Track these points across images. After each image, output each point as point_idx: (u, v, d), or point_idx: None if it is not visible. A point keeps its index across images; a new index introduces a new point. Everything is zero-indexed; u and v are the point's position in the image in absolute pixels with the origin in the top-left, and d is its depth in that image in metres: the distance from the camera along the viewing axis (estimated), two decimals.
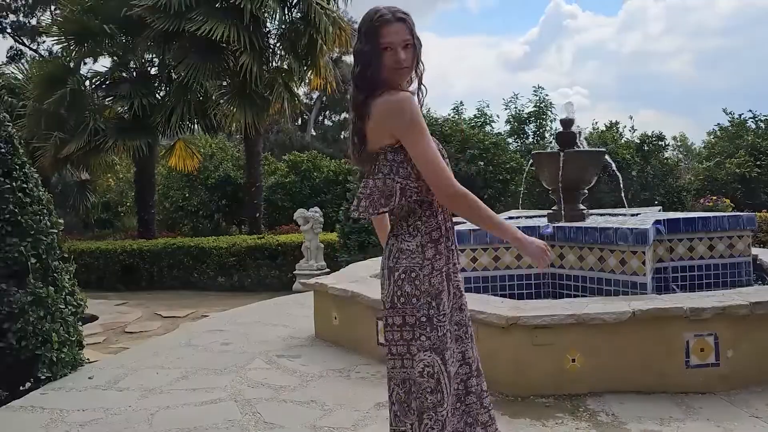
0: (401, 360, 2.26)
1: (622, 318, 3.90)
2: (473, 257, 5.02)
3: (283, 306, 7.53)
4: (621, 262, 4.63)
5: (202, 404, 4.02)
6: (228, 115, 12.77)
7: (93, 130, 12.82)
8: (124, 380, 4.61)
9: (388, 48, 2.18)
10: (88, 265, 12.53)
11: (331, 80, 13.98)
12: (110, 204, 19.49)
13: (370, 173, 2.30)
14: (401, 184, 2.21)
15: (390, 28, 2.18)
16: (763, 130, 16.24)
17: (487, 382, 2.52)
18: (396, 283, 2.24)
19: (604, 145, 13.53)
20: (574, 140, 5.61)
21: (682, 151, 26.15)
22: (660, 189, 13.53)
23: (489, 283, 5.04)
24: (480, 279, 4.99)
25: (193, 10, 11.96)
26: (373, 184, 2.28)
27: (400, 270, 2.24)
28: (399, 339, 2.25)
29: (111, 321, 8.72)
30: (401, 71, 2.21)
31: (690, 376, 3.93)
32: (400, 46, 2.18)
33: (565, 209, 5.54)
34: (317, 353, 5.20)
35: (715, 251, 5.20)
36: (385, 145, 2.23)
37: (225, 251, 11.76)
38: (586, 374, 3.96)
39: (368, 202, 2.29)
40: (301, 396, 4.14)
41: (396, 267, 2.25)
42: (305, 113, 30.97)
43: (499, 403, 3.84)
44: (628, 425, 3.50)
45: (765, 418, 3.49)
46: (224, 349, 5.43)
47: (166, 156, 15.09)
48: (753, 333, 3.97)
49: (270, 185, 17.14)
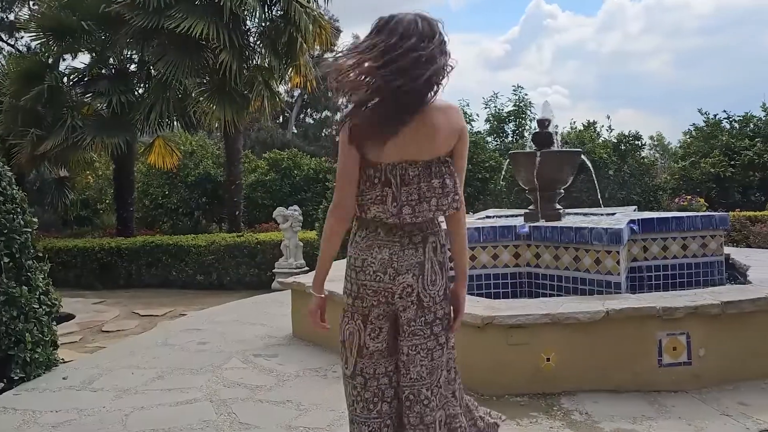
0: (449, 347, 2.46)
1: (596, 317, 3.94)
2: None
3: (261, 304, 7.51)
4: (596, 262, 4.67)
5: (177, 404, 4.01)
6: (207, 113, 12.67)
7: (71, 127, 12.66)
8: (99, 380, 4.57)
9: None
10: (66, 263, 12.40)
11: (311, 78, 13.94)
12: (89, 201, 19.27)
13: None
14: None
15: None
16: (737, 130, 16.46)
17: (464, 381, 2.60)
18: (447, 276, 2.41)
19: (581, 144, 13.64)
20: (551, 140, 5.66)
21: (659, 150, 26.42)
22: (636, 188, 13.66)
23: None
24: None
25: (172, 7, 11.86)
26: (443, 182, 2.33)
27: (447, 264, 2.41)
28: (443, 329, 2.40)
29: (88, 320, 8.63)
30: None
31: (663, 374, 3.98)
32: None
33: (541, 209, 5.58)
34: (294, 352, 5.20)
35: (689, 251, 5.27)
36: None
37: (204, 249, 11.70)
38: (561, 373, 3.99)
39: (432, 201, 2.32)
40: (277, 396, 4.13)
41: (446, 261, 2.41)
42: (286, 111, 30.86)
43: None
44: (601, 424, 3.53)
45: (735, 416, 3.55)
46: (201, 349, 5.41)
47: (145, 153, 14.95)
48: (724, 332, 4.03)
49: (250, 183, 17.06)
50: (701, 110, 17.21)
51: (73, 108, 13.16)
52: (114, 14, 12.19)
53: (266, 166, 17.79)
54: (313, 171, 17.10)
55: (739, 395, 3.84)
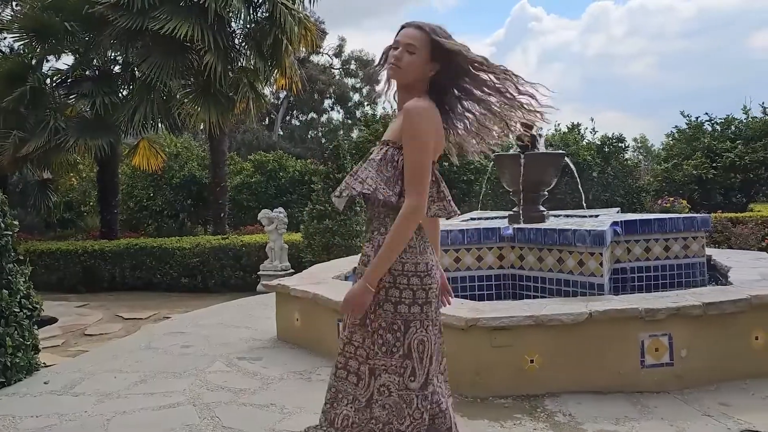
0: None
1: (579, 319, 3.96)
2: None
3: (246, 307, 7.47)
4: (579, 263, 4.70)
5: (160, 408, 3.97)
6: (192, 115, 12.61)
7: (54, 128, 12.54)
8: (81, 385, 4.53)
9: (393, 46, 2.39)
10: (48, 266, 12.28)
11: (296, 80, 13.91)
12: (73, 203, 19.10)
13: None
14: None
15: (404, 31, 2.37)
16: (719, 132, 16.66)
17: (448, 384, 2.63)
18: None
19: (566, 146, 13.74)
20: (535, 143, 5.68)
21: (643, 152, 26.65)
22: (620, 190, 13.77)
23: (450, 284, 5.06)
24: None
25: (156, 9, 11.79)
26: None
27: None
28: None
29: (70, 323, 8.55)
30: (392, 69, 2.37)
31: (645, 375, 4.01)
32: (402, 46, 2.34)
33: (525, 211, 5.61)
34: (279, 355, 5.17)
35: (671, 252, 5.31)
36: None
37: (188, 252, 11.62)
38: (545, 375, 4.01)
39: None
40: (260, 399, 4.11)
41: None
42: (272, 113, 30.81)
43: (459, 405, 3.86)
44: (584, 425, 3.55)
45: (717, 417, 3.58)
46: (185, 352, 5.37)
47: (130, 155, 14.86)
48: (706, 333, 4.07)
49: (235, 185, 17.01)
50: (683, 113, 17.49)
51: (56, 109, 13.04)
52: (98, 15, 12.10)
53: (252, 168, 17.75)
54: (298, 173, 17.08)
55: (720, 395, 3.88)
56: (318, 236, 9.90)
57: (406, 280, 2.31)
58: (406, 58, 2.33)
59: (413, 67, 2.34)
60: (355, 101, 34.52)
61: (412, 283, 2.31)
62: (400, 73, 2.36)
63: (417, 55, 2.33)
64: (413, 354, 2.32)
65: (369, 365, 2.36)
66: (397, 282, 2.31)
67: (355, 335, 2.39)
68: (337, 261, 7.35)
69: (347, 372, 2.42)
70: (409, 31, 2.35)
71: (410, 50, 2.33)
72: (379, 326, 2.33)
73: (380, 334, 2.33)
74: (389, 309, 2.32)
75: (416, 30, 2.35)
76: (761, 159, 15.14)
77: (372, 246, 2.39)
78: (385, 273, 2.30)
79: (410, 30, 2.35)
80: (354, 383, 2.39)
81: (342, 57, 34.53)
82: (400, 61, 2.33)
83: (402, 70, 2.35)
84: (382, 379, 2.33)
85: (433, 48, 2.34)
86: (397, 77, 2.40)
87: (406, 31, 2.37)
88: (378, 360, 2.34)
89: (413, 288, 2.31)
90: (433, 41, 2.33)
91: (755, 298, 4.10)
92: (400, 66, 2.34)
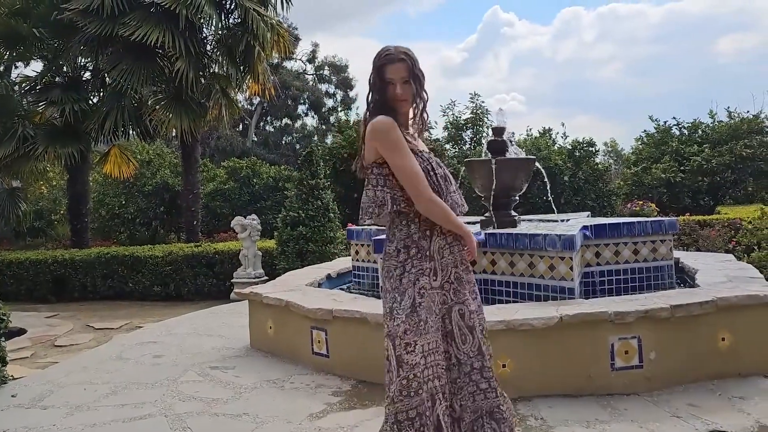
0: None
1: (550, 323, 4.00)
2: None
3: (219, 315, 7.43)
4: (550, 268, 4.75)
5: (131, 420, 3.93)
6: (164, 122, 12.48)
7: (22, 136, 12.38)
8: (50, 397, 4.46)
9: (390, 83, 2.67)
10: (17, 276, 12.07)
11: (269, 86, 13.88)
12: (43, 212, 18.81)
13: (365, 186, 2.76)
14: (391, 194, 2.68)
15: (392, 67, 2.66)
16: (686, 136, 16.96)
17: None
18: (381, 278, 2.77)
19: (537, 151, 13.87)
20: (505, 148, 5.73)
21: (613, 156, 27.00)
22: (591, 194, 13.93)
23: None
24: None
25: (126, 15, 11.69)
26: (365, 195, 2.74)
27: (383, 269, 2.75)
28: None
29: (40, 334, 8.40)
30: (399, 102, 2.70)
31: (615, 378, 4.06)
32: (399, 82, 2.67)
33: (496, 216, 5.65)
34: (252, 364, 5.15)
35: (640, 255, 5.39)
36: (372, 162, 2.70)
37: (161, 260, 11.49)
38: (517, 379, 4.04)
39: (362, 212, 2.73)
40: (233, 409, 4.09)
41: (383, 266, 2.76)
42: (246, 119, 30.65)
43: None
44: (555, 429, 3.59)
45: (685, 418, 3.64)
46: (156, 362, 5.32)
47: (101, 162, 14.68)
48: (674, 335, 4.13)
49: (209, 192, 16.89)
50: (652, 117, 17.73)
51: (25, 117, 12.89)
52: (67, 21, 11.96)
53: (225, 174, 17.64)
54: (272, 179, 17.01)
55: (688, 397, 3.94)
56: (292, 243, 9.87)
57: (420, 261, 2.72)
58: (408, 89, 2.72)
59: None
60: (329, 107, 34.50)
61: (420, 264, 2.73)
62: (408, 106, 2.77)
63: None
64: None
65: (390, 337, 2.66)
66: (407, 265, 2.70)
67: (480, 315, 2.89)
68: (310, 268, 7.33)
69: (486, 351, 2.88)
70: (401, 65, 2.68)
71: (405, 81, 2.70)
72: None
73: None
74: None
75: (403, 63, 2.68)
76: (727, 162, 15.44)
77: (388, 253, 2.73)
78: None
79: (401, 64, 2.68)
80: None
81: (315, 63, 34.48)
82: (405, 93, 2.71)
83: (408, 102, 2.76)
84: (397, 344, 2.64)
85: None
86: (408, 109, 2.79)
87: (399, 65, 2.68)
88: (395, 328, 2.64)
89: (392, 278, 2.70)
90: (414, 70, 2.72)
91: (721, 300, 4.17)
92: (407, 99, 2.74)
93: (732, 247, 9.71)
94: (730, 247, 9.82)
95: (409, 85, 2.68)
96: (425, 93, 2.76)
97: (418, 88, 2.72)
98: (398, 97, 2.67)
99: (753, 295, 4.27)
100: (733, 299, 4.21)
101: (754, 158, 15.52)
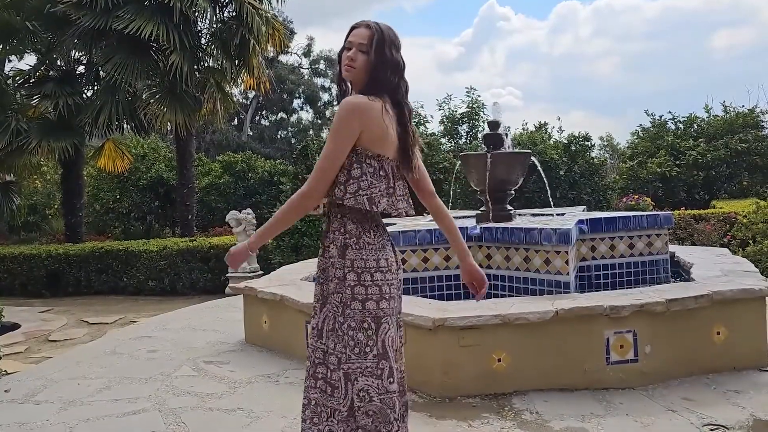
0: None
1: (545, 317, 3.99)
2: (402, 258, 5.04)
3: (214, 310, 7.41)
4: (546, 262, 4.74)
5: (125, 415, 3.91)
6: (158, 116, 12.43)
7: (16, 130, 12.30)
8: (43, 392, 4.44)
9: (345, 48, 2.38)
10: (11, 270, 12.05)
11: (264, 80, 13.83)
12: (37, 206, 18.72)
13: None
14: None
15: (355, 31, 2.36)
16: (682, 131, 16.98)
17: (417, 384, 2.61)
18: None
19: (533, 145, 13.85)
20: (501, 142, 5.72)
21: (609, 150, 27.03)
22: (587, 188, 13.92)
23: (418, 284, 5.09)
24: (409, 280, 5.01)
25: (120, 8, 11.63)
26: None
27: None
28: None
29: (34, 329, 8.38)
30: (344, 68, 2.36)
31: (611, 372, 4.06)
32: (355, 47, 2.33)
33: (492, 210, 5.64)
34: (247, 359, 5.13)
35: (635, 249, 5.39)
36: None
37: (155, 255, 11.47)
38: (512, 374, 4.03)
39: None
40: (228, 404, 4.07)
41: None
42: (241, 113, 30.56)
43: (427, 405, 3.88)
44: (551, 423, 3.58)
45: (680, 411, 3.63)
46: (151, 357, 5.30)
47: (95, 157, 14.60)
48: (669, 329, 4.13)
49: (204, 186, 16.84)
50: (648, 111, 17.75)
51: (18, 111, 12.80)
52: (60, 14, 11.91)
53: (220, 168, 17.59)
54: (267, 173, 16.97)
55: (683, 391, 3.94)
56: (287, 237, 9.85)
57: (370, 277, 2.30)
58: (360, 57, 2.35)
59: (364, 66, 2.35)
60: (325, 101, 34.40)
61: (377, 279, 2.30)
62: (353, 73, 2.37)
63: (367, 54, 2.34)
64: (389, 353, 2.29)
65: (343, 370, 2.28)
66: (362, 279, 2.30)
67: (328, 341, 2.34)
68: (305, 262, 7.31)
69: (316, 380, 2.36)
70: (364, 31, 2.36)
71: (362, 49, 2.34)
72: (349, 327, 2.28)
73: (351, 335, 2.27)
74: (357, 307, 2.28)
75: (368, 30, 2.36)
76: (722, 156, 15.46)
77: (335, 246, 2.36)
78: (346, 270, 2.31)
79: (364, 30, 2.36)
80: (329, 393, 2.31)
81: (311, 57, 34.39)
82: (354, 61, 2.35)
83: (356, 70, 2.36)
84: (360, 384, 2.26)
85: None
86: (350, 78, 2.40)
87: (357, 31, 2.38)
88: (352, 363, 2.27)
89: (378, 283, 2.30)
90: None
91: (716, 294, 4.17)
92: (354, 66, 2.35)
93: (727, 242, 9.73)
94: (725, 241, 9.84)
95: (365, 55, 2.31)
96: (402, 81, 2.38)
97: (380, 64, 2.31)
98: (344, 60, 2.36)
99: (748, 289, 4.28)
100: (728, 293, 4.21)
101: (749, 152, 15.55)
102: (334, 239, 2.38)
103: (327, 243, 2.42)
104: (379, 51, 2.31)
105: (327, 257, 2.40)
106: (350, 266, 2.31)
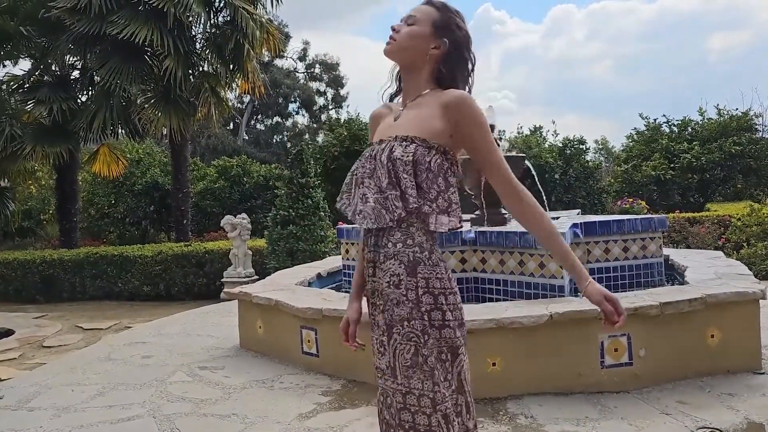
0: None
1: (540, 321, 3.99)
2: None
3: (209, 315, 7.39)
4: (540, 266, 4.74)
5: (119, 422, 3.90)
6: (153, 120, 12.44)
7: (10, 135, 12.31)
8: (37, 399, 4.42)
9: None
10: (5, 276, 12.00)
11: (259, 84, 13.84)
12: (31, 212, 18.69)
13: None
14: None
15: (417, 7, 2.06)
16: (676, 134, 17.04)
17: None
18: None
19: (528, 149, 13.89)
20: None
21: (603, 154, 27.09)
22: (582, 191, 13.97)
23: None
24: None
25: (114, 13, 11.64)
26: None
27: None
28: None
29: (28, 335, 8.34)
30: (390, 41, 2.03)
31: (605, 375, 4.06)
32: (408, 20, 2.04)
33: (487, 214, 5.63)
34: (241, 364, 5.12)
35: (629, 253, 5.39)
36: None
37: (150, 260, 11.44)
38: (507, 378, 4.03)
39: None
40: (222, 409, 4.06)
41: None
42: (236, 117, 30.56)
43: None
44: (545, 427, 3.58)
45: (675, 415, 3.64)
46: (145, 363, 5.29)
47: (89, 162, 14.60)
48: (663, 332, 4.13)
49: (199, 191, 16.83)
50: (642, 115, 17.80)
51: (13, 116, 12.80)
52: (54, 20, 11.91)
53: (215, 173, 17.58)
54: (263, 178, 16.97)
55: (678, 394, 3.94)
56: (282, 242, 9.84)
57: (445, 299, 1.90)
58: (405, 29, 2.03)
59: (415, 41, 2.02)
60: (320, 105, 34.47)
61: (452, 302, 1.91)
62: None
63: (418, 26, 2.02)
64: (465, 387, 1.93)
65: (441, 412, 1.86)
66: (438, 302, 1.89)
67: (412, 380, 1.89)
68: (300, 267, 7.30)
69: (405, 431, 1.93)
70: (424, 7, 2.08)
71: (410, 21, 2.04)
72: (437, 359, 1.88)
73: (438, 369, 1.87)
74: (435, 335, 1.87)
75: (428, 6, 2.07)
76: (717, 160, 15.52)
77: (401, 262, 1.91)
78: (420, 291, 1.89)
79: (425, 6, 2.07)
80: None
81: (306, 61, 34.46)
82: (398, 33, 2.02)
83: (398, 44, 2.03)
84: (456, 425, 1.89)
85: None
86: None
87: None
88: (447, 402, 1.88)
89: (453, 308, 1.91)
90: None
91: (710, 297, 4.18)
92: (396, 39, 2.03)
93: (721, 244, 9.76)
94: (719, 244, 9.87)
95: (416, 28, 2.01)
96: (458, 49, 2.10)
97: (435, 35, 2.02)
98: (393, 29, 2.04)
99: (742, 291, 4.28)
100: (722, 296, 4.21)
101: (743, 155, 15.61)
102: (396, 253, 1.92)
103: (381, 258, 1.96)
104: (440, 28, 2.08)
105: (385, 275, 1.94)
106: (425, 286, 1.89)
